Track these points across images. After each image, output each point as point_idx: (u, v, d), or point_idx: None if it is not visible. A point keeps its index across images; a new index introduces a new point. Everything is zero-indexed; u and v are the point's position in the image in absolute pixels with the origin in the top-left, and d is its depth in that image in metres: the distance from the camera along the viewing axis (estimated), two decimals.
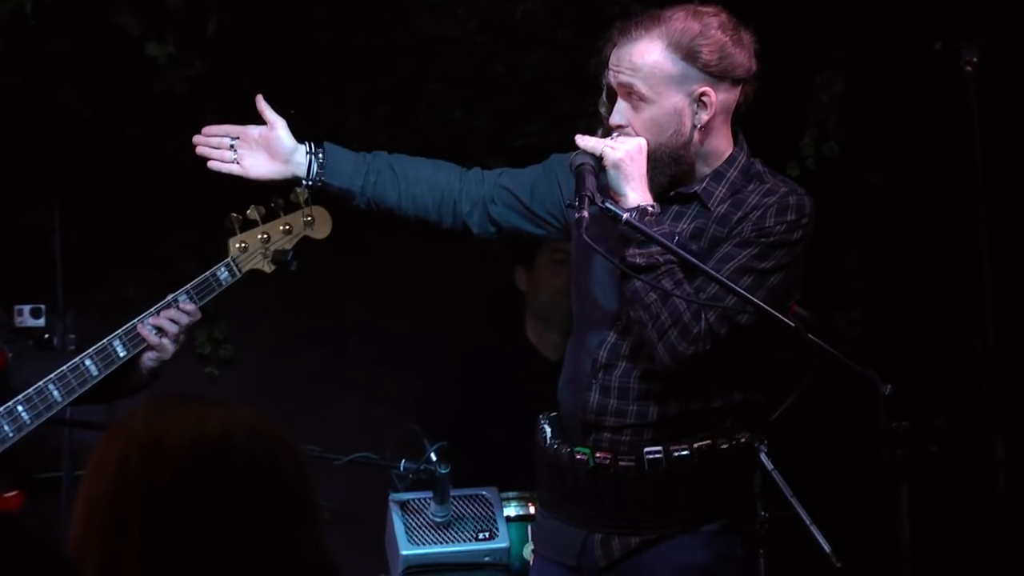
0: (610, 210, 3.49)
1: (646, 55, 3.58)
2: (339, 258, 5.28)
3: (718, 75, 3.57)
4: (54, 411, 4.60)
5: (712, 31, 3.58)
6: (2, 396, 4.60)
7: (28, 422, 4.58)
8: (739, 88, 3.64)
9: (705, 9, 3.65)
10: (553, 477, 3.73)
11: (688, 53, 3.55)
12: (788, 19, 5.58)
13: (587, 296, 3.75)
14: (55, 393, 4.59)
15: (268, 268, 4.64)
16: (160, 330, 4.56)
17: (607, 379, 3.64)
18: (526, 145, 5.70)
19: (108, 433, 2.22)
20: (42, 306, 5.71)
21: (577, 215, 3.46)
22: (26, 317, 5.64)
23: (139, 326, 4.59)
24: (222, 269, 4.61)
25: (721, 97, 3.58)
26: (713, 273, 3.45)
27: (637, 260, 3.50)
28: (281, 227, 4.61)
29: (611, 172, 3.56)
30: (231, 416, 2.21)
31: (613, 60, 3.63)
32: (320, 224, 4.61)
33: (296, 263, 4.61)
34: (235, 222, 4.61)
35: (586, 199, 3.46)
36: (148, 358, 4.64)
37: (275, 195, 4.61)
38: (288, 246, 4.62)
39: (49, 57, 5.57)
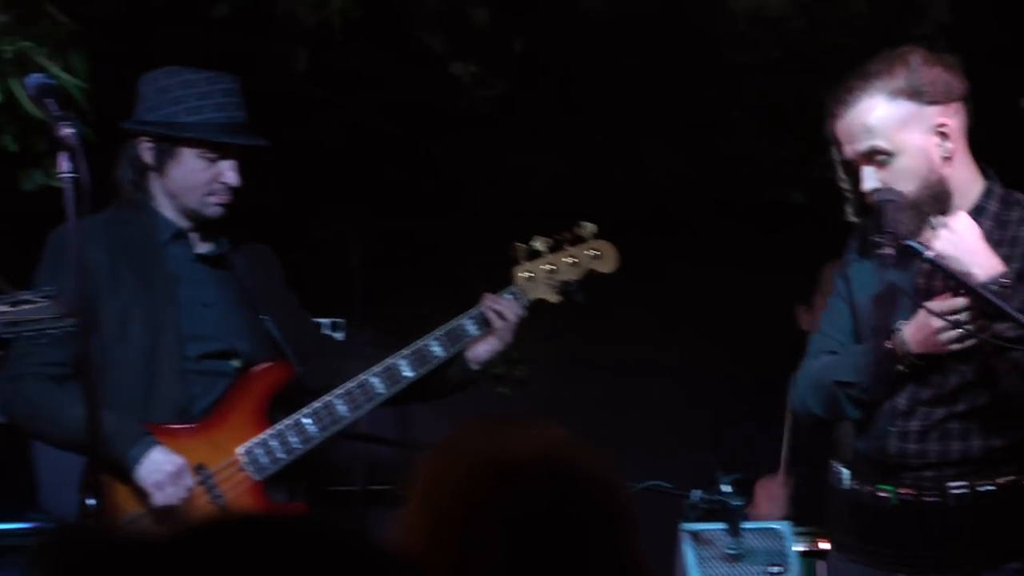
0: (912, 247, 3.50)
1: (874, 112, 3.63)
2: (635, 282, 5.31)
3: (944, 101, 3.61)
4: (341, 425, 4.67)
5: (920, 65, 3.63)
6: (293, 407, 4.67)
7: (315, 435, 4.65)
8: (964, 108, 3.66)
9: (902, 50, 3.70)
10: (853, 518, 3.73)
11: (911, 93, 3.60)
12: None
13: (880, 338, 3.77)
14: (341, 408, 4.67)
15: (554, 299, 4.71)
16: (503, 318, 4.67)
17: (906, 425, 3.63)
18: (822, 179, 5.83)
19: (444, 451, 2.26)
20: (343, 320, 5.82)
21: (881, 251, 3.50)
22: (324, 330, 5.69)
23: (464, 320, 4.68)
24: (508, 297, 4.71)
25: (955, 122, 3.61)
26: None
27: (1007, 332, 3.47)
28: (567, 259, 4.68)
29: (950, 260, 3.55)
30: (563, 435, 2.23)
31: (843, 134, 3.68)
32: (606, 259, 4.69)
33: (582, 295, 4.70)
34: (521, 252, 4.70)
35: (891, 236, 3.48)
36: (481, 351, 4.73)
37: (561, 228, 4.71)
38: (574, 278, 4.68)
39: (353, 72, 5.76)
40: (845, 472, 3.76)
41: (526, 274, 4.73)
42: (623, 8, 5.78)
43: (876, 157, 3.62)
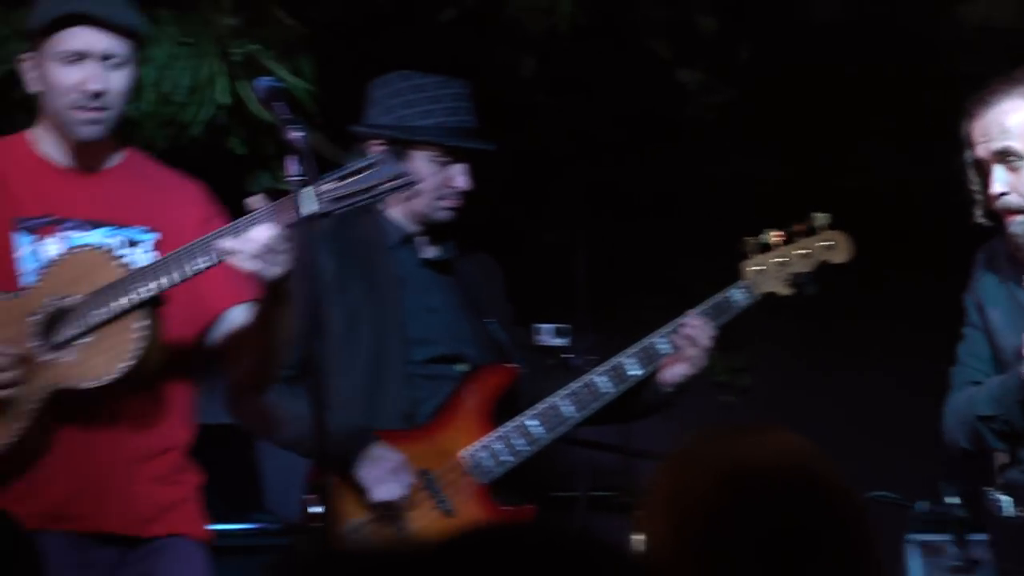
0: None
1: (1013, 114, 3.65)
2: (860, 292, 5.32)
3: None
4: (568, 426, 4.61)
5: None
6: (512, 411, 4.67)
7: (540, 436, 4.62)
8: None
9: None
10: (1016, 547, 3.72)
11: None
12: None
13: None
14: (567, 408, 4.61)
15: (785, 291, 4.61)
16: (693, 342, 4.58)
17: None
18: None
19: (685, 460, 2.25)
20: (567, 325, 5.73)
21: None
22: (548, 336, 5.59)
23: (655, 339, 4.61)
24: (737, 291, 4.62)
25: None
26: None
27: None
28: (799, 251, 4.59)
29: None
30: (803, 443, 2.19)
31: (978, 133, 3.66)
32: (840, 248, 4.57)
33: (815, 286, 4.58)
34: (750, 246, 4.60)
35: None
36: (673, 374, 4.62)
37: (794, 221, 4.63)
38: (806, 269, 4.58)
39: (579, 78, 5.87)
40: (1005, 500, 3.71)
41: (756, 267, 4.64)
42: (848, 15, 5.76)
43: (1008, 158, 3.60)
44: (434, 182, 4.66)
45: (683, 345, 4.58)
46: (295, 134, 3.94)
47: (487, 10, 5.64)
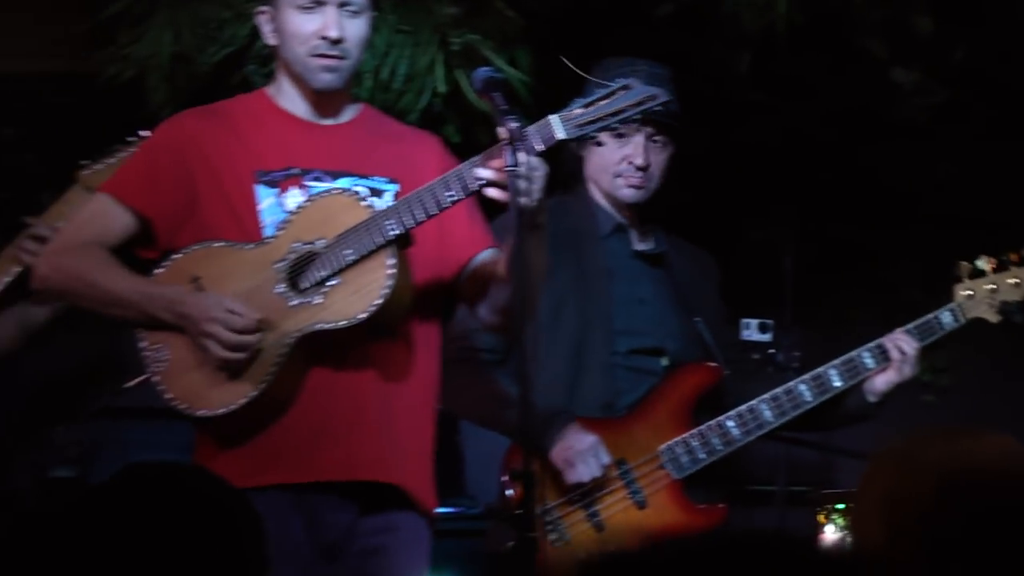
0: None
1: None
2: None
3: None
4: (765, 430, 4.69)
5: None
6: (715, 410, 4.72)
7: (737, 438, 4.69)
8: None
9: None
10: None
11: None
12: None
13: None
14: (767, 413, 4.68)
15: (994, 318, 4.70)
16: (903, 354, 4.65)
17: None
18: None
19: (903, 461, 2.29)
20: (770, 321, 5.80)
21: None
22: (753, 331, 5.72)
23: (861, 354, 4.66)
24: (946, 314, 4.69)
25: None
26: None
27: None
28: (1010, 280, 4.68)
29: None
30: (1015, 444, 2.27)
31: None
32: None
33: (1023, 316, 4.69)
34: (964, 271, 4.69)
35: None
36: (880, 382, 4.69)
37: (1006, 248, 4.67)
38: (1016, 298, 4.68)
39: (794, 77, 5.85)
40: None
41: (967, 292, 4.72)
42: None
43: None
44: (614, 159, 4.71)
45: (894, 356, 4.65)
46: (511, 125, 3.98)
47: (704, 6, 5.58)
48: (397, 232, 4.09)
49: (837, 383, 4.69)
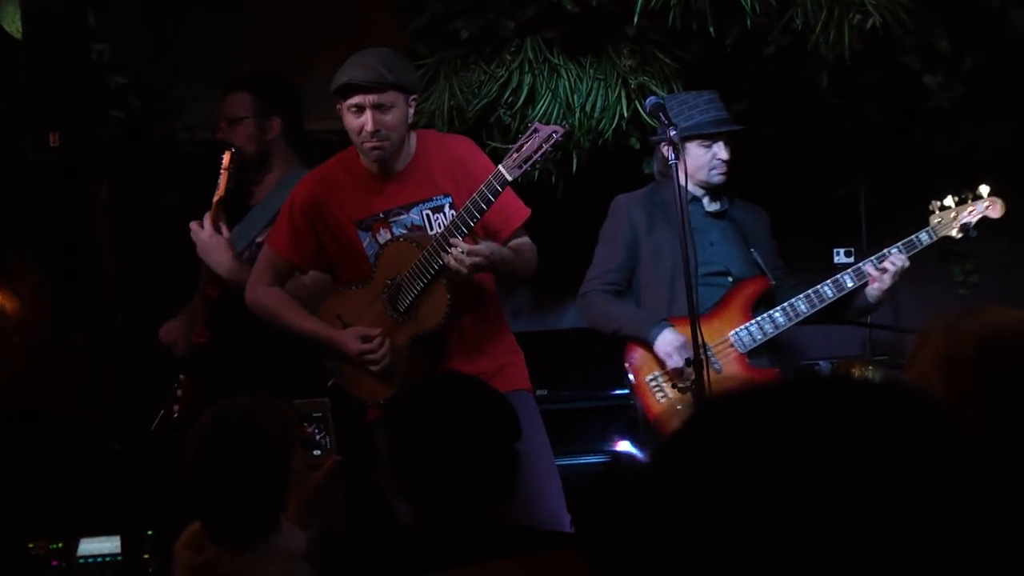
0: None
1: None
2: None
3: None
4: (802, 317, 5.32)
5: None
6: (770, 307, 5.39)
7: (784, 323, 5.35)
8: None
9: None
10: None
11: None
12: None
13: None
14: (801, 307, 5.34)
15: (957, 235, 5.30)
16: (881, 270, 5.25)
17: None
18: None
19: (951, 329, 2.50)
20: (852, 249, 6.45)
21: None
22: (841, 256, 6.39)
23: (863, 265, 5.32)
24: (923, 234, 5.31)
25: None
26: None
27: None
28: (968, 209, 5.34)
29: None
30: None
31: None
32: (996, 208, 5.34)
33: (976, 231, 5.32)
34: (935, 205, 5.38)
35: None
36: (873, 289, 5.27)
37: (965, 189, 5.32)
38: (971, 220, 5.32)
39: (859, 85, 6.33)
40: None
41: (937, 220, 5.35)
42: None
43: None
44: (706, 159, 5.30)
45: (888, 268, 5.21)
46: (671, 133, 4.87)
47: (796, 45, 6.00)
48: (440, 265, 4.63)
49: (849, 283, 5.29)
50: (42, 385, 6.63)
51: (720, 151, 5.21)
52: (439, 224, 4.68)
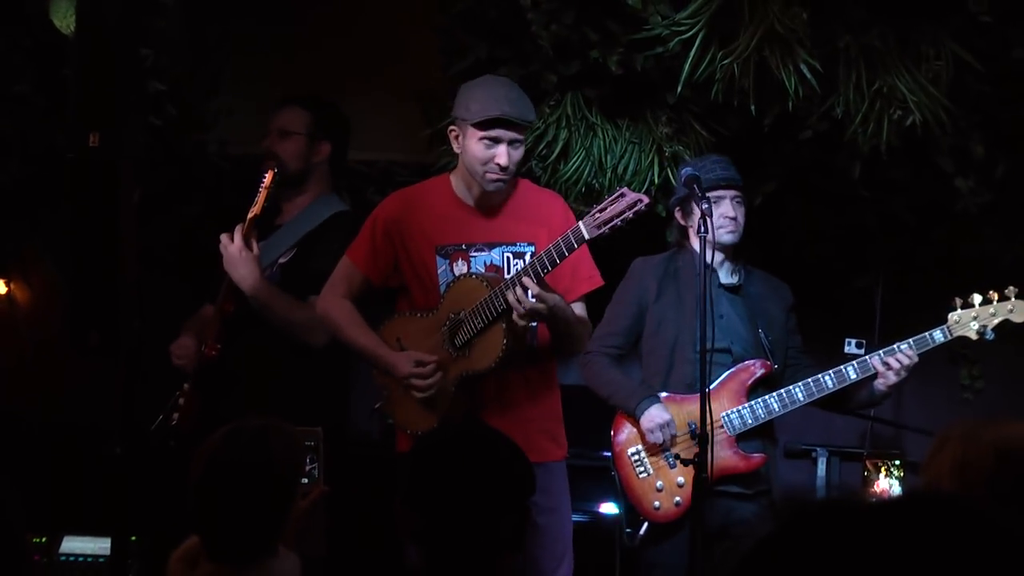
0: None
1: None
2: None
3: None
4: (797, 406, 5.21)
5: None
6: (774, 389, 5.25)
7: (777, 410, 5.19)
8: None
9: None
10: None
11: None
12: None
13: None
14: (799, 395, 5.22)
15: (974, 336, 5.14)
16: (887, 365, 5.13)
17: None
18: None
19: (968, 438, 2.51)
20: (864, 341, 6.25)
21: None
22: (852, 346, 6.26)
23: (870, 358, 5.19)
24: (937, 332, 5.16)
25: None
26: None
27: None
28: (990, 311, 5.13)
29: None
30: None
31: None
32: (1018, 312, 5.14)
33: (994, 335, 5.14)
34: (956, 303, 5.18)
35: None
36: (879, 383, 5.17)
37: (1000, 287, 5.12)
38: (990, 324, 5.13)
39: (889, 180, 6.34)
40: None
41: (956, 317, 5.16)
42: None
43: None
44: (716, 216, 5.18)
45: (893, 364, 5.09)
46: (704, 207, 4.90)
47: (833, 133, 6.01)
48: (504, 308, 4.63)
49: (852, 375, 5.15)
50: (43, 378, 6.64)
51: (726, 209, 5.15)
52: (516, 270, 4.67)
